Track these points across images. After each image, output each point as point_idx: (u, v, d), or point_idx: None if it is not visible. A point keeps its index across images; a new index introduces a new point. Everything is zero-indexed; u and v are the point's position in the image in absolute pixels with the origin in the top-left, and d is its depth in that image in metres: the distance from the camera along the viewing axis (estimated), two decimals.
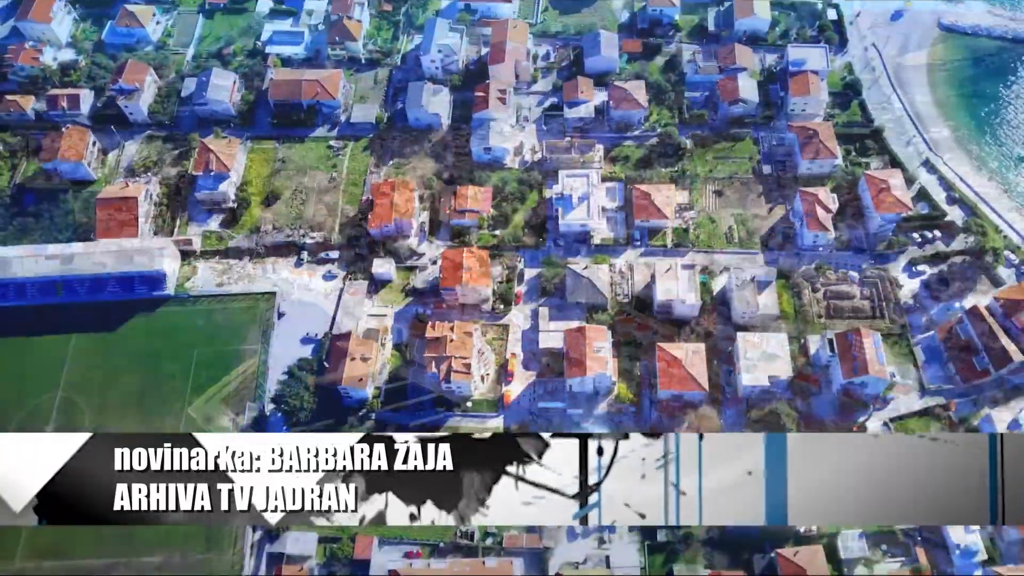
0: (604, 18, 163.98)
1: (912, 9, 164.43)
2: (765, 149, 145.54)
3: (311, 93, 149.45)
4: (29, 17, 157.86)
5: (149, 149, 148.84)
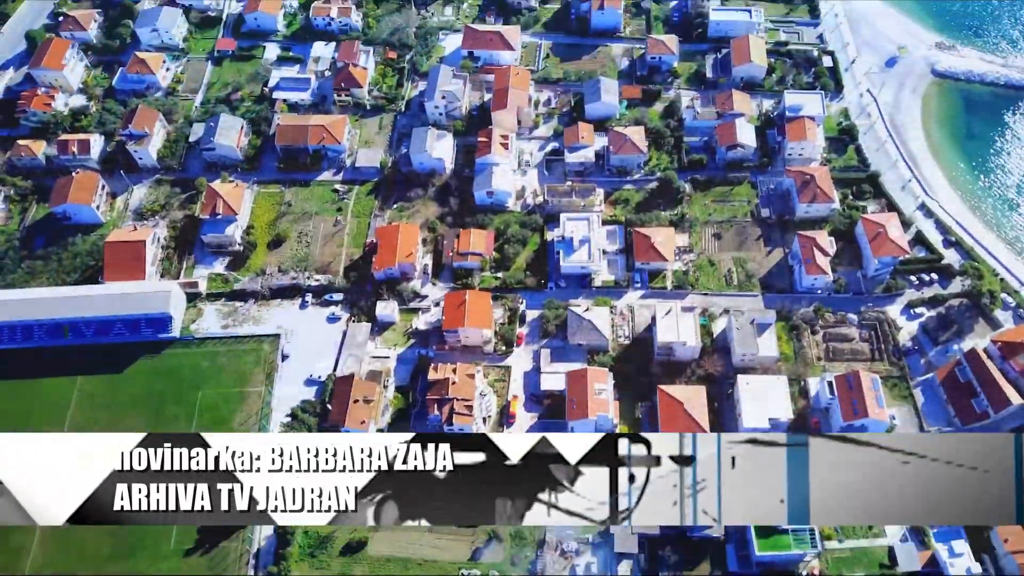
0: (604, 65, 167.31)
1: (906, 56, 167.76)
2: (763, 193, 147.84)
3: (317, 138, 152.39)
4: (42, 64, 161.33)
5: (157, 193, 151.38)
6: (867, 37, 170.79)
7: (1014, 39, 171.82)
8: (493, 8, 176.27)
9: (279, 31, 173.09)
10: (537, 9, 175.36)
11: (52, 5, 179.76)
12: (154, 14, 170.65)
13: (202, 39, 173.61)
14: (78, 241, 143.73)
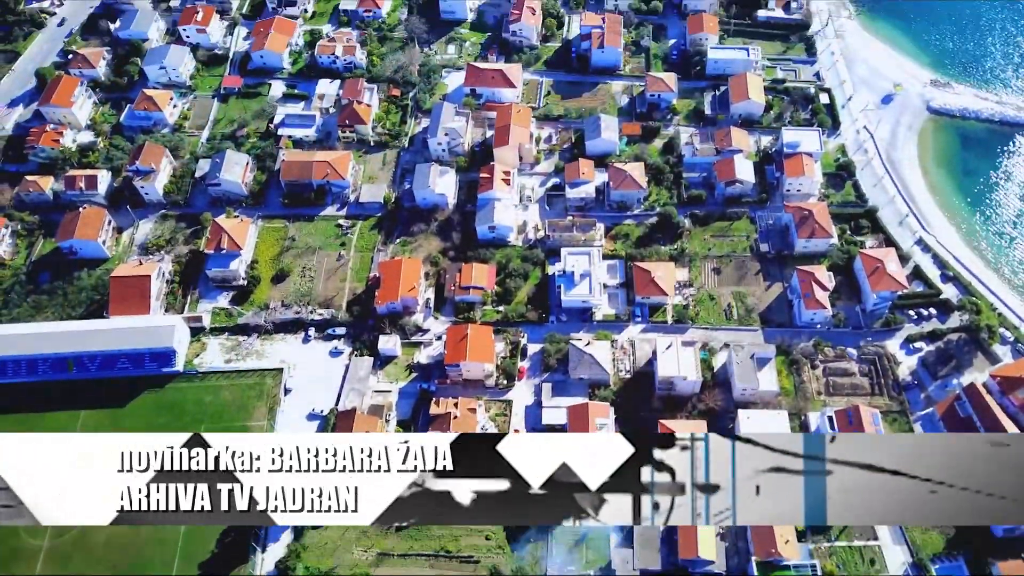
0: (604, 102, 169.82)
1: (902, 93, 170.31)
2: (762, 228, 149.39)
3: (321, 174, 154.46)
4: (51, 102, 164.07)
5: (163, 228, 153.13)
6: (863, 75, 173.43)
7: (1007, 76, 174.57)
8: (495, 46, 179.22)
9: (285, 69, 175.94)
10: (538, 47, 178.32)
11: (62, 43, 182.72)
12: (162, 52, 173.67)
13: (209, 76, 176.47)
14: (84, 276, 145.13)
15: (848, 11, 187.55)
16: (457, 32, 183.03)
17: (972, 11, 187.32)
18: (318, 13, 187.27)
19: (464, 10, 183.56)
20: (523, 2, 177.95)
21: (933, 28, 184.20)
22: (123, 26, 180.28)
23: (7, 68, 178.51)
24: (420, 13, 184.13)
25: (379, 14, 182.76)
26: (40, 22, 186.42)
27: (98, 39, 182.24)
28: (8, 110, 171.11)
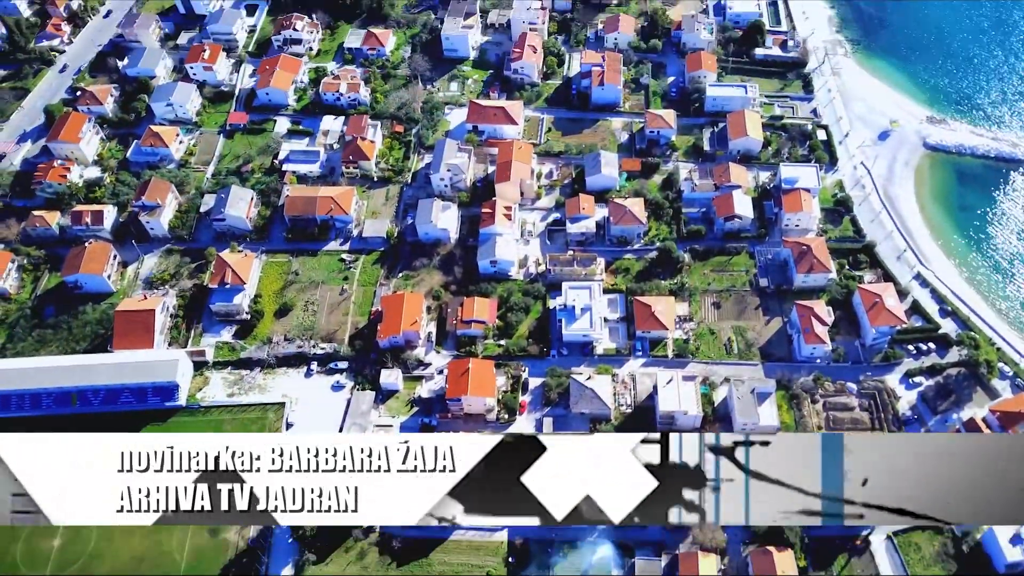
0: (604, 138, 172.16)
1: (898, 130, 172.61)
2: (761, 263, 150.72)
3: (325, 209, 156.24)
4: (60, 138, 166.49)
5: (167, 262, 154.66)
6: (860, 112, 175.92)
7: (1002, 113, 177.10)
8: (497, 84, 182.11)
9: (290, 105, 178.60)
10: (539, 85, 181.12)
11: (71, 80, 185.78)
12: (169, 89, 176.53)
13: (215, 113, 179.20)
14: (88, 310, 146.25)
15: (844, 49, 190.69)
16: (459, 70, 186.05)
17: (966, 49, 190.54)
18: (323, 51, 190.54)
19: (466, 48, 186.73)
20: (524, 40, 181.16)
21: (928, 66, 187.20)
22: (131, 64, 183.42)
23: (16, 105, 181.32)
24: (423, 51, 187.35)
25: (383, 52, 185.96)
26: (50, 60, 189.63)
27: (106, 76, 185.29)
28: (17, 146, 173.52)
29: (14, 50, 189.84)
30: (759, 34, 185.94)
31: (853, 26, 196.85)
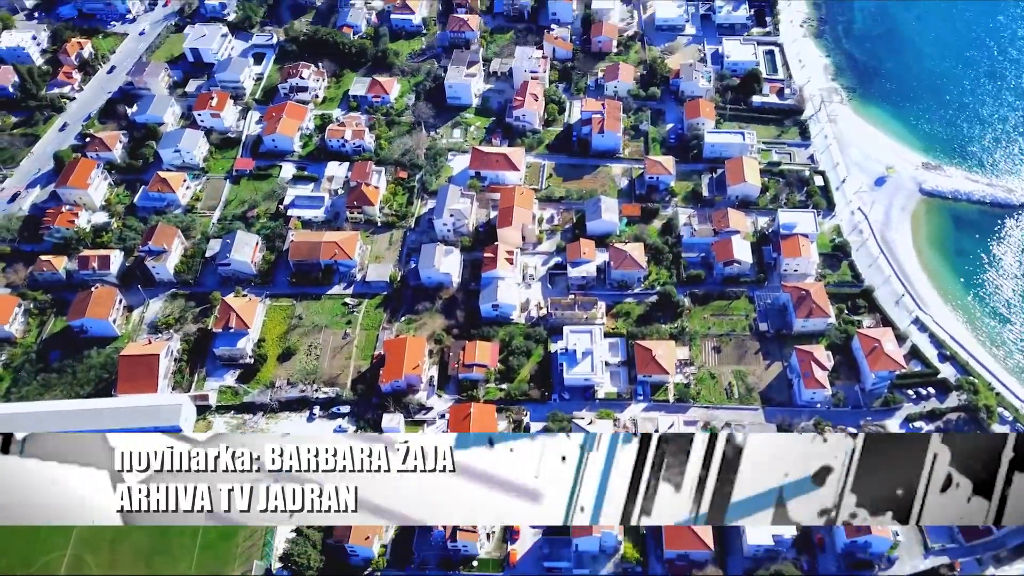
0: (604, 184, 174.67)
1: (894, 175, 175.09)
2: (761, 307, 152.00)
3: (329, 254, 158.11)
4: (68, 183, 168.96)
5: (172, 307, 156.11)
6: (856, 158, 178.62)
7: (996, 159, 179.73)
8: (499, 131, 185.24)
9: (295, 151, 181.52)
10: (540, 131, 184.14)
11: (80, 126, 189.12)
12: (177, 135, 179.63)
13: (222, 159, 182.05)
14: (93, 354, 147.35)
15: (840, 96, 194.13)
16: (462, 117, 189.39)
17: (959, 97, 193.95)
18: (329, 98, 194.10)
19: (469, 96, 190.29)
20: (526, 88, 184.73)
21: (922, 113, 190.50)
22: (140, 110, 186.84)
23: (27, 151, 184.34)
24: (427, 99, 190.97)
25: (387, 99, 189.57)
26: (60, 107, 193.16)
27: (115, 123, 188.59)
28: (26, 191, 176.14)
29: (25, 97, 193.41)
30: (756, 82, 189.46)
31: (848, 74, 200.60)
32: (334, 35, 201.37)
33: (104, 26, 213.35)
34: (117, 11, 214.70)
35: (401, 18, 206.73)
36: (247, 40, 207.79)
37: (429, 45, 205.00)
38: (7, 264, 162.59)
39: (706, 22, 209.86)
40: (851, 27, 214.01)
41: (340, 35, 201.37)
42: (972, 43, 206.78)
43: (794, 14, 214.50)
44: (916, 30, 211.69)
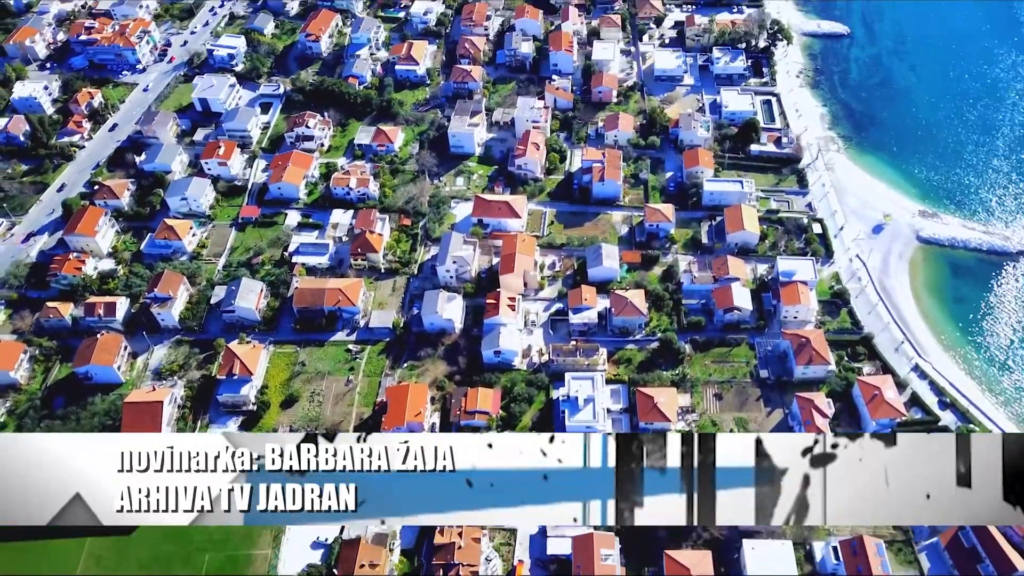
0: (605, 231, 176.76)
1: (891, 223, 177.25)
2: (761, 354, 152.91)
3: (333, 300, 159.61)
4: (76, 231, 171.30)
5: (177, 353, 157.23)
6: (854, 205, 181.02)
7: (992, 207, 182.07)
8: (501, 179, 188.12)
9: (301, 199, 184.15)
10: (542, 180, 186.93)
11: (89, 174, 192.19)
12: (184, 184, 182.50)
13: (228, 206, 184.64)
14: (97, 401, 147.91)
15: (836, 145, 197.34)
16: (465, 165, 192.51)
17: (955, 146, 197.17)
18: (334, 147, 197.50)
19: (472, 145, 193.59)
20: (528, 137, 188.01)
21: (918, 161, 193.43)
22: (148, 159, 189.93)
23: (35, 199, 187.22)
24: (431, 147, 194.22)
25: (392, 148, 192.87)
26: (69, 155, 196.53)
27: (123, 171, 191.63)
28: (34, 238, 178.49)
29: (36, 146, 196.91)
30: (754, 131, 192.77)
31: (844, 123, 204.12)
32: (340, 85, 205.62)
33: (115, 76, 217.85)
34: (128, 62, 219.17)
35: (405, 69, 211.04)
36: (255, 90, 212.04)
37: (433, 95, 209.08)
38: (14, 310, 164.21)
39: (704, 73, 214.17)
40: (847, 77, 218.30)
41: (346, 85, 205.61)
42: (966, 93, 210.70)
43: (790, 65, 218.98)
44: (910, 80, 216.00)
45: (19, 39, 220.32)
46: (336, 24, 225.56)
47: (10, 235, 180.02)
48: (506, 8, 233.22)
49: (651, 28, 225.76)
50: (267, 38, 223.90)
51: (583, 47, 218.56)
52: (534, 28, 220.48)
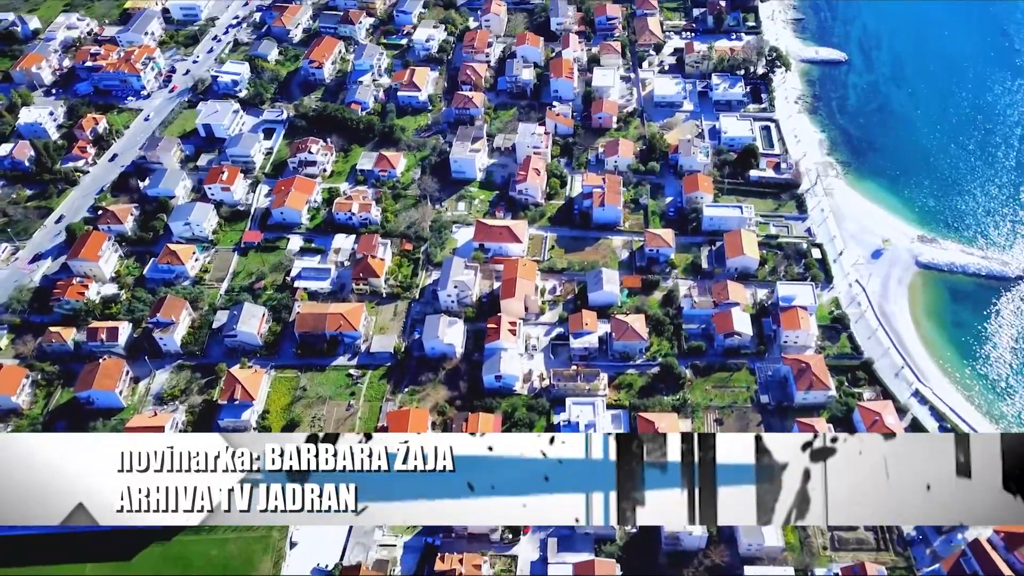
0: (605, 256, 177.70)
1: (890, 248, 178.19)
2: (761, 380, 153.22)
3: (335, 325, 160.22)
4: (80, 256, 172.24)
5: (178, 378, 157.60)
6: (853, 231, 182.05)
7: (989, 232, 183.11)
8: (502, 204, 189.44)
9: (303, 224, 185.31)
10: (543, 205, 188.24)
11: (92, 199, 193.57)
12: (187, 209, 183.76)
13: (231, 231, 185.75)
14: (99, 425, 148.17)
15: (835, 171, 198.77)
16: (467, 190, 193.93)
17: (952, 171, 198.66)
18: (336, 172, 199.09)
19: (473, 170, 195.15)
20: (529, 163, 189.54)
21: (916, 187, 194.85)
22: (152, 184, 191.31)
23: (39, 223, 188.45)
24: (432, 173, 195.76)
25: (394, 174, 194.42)
26: (74, 180, 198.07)
27: (127, 196, 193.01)
28: (37, 263, 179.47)
29: (40, 171, 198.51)
30: (753, 157, 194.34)
31: (843, 149, 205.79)
32: (342, 111, 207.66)
33: (119, 102, 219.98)
34: (132, 88, 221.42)
35: (408, 95, 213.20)
36: (258, 116, 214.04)
37: (435, 121, 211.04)
38: (16, 335, 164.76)
39: (703, 99, 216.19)
40: (845, 103, 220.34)
41: (348, 111, 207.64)
42: (963, 120, 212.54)
43: (789, 91, 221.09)
44: (908, 107, 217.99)
45: (26, 65, 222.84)
46: (339, 51, 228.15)
47: (14, 259, 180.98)
48: (507, 35, 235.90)
49: (651, 55, 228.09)
50: (271, 65, 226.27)
51: (583, 74, 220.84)
52: (535, 55, 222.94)
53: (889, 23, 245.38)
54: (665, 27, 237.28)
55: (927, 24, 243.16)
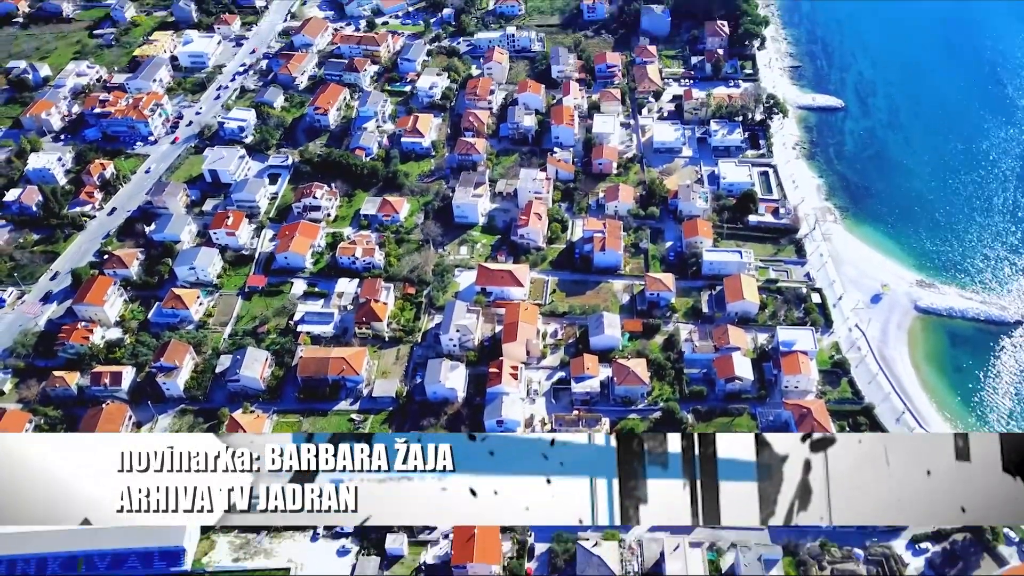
0: (607, 300, 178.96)
1: (889, 293, 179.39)
2: (763, 424, 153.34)
3: (337, 370, 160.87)
4: (85, 300, 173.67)
5: (181, 423, 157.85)
6: (852, 275, 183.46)
7: (987, 277, 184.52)
8: (504, 248, 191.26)
9: (307, 268, 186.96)
10: (544, 249, 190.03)
11: (99, 244, 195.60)
12: (192, 254, 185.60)
13: (235, 276, 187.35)
14: None
15: (833, 216, 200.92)
16: (469, 235, 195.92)
17: (949, 216, 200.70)
18: (340, 217, 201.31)
19: (476, 215, 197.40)
20: (530, 208, 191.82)
21: (914, 231, 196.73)
22: (158, 229, 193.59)
23: (45, 268, 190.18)
24: (435, 218, 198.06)
25: (397, 218, 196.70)
26: (81, 225, 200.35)
27: (133, 241, 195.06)
28: (42, 308, 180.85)
29: (47, 216, 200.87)
30: (752, 202, 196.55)
31: (841, 194, 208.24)
32: (347, 157, 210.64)
33: (127, 148, 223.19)
34: (140, 134, 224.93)
35: (411, 141, 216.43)
36: (263, 161, 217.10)
37: (438, 167, 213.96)
38: (20, 380, 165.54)
39: (702, 145, 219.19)
40: (842, 149, 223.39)
41: (353, 157, 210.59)
42: (960, 165, 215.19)
43: (787, 137, 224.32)
44: (905, 153, 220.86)
45: (35, 112, 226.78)
46: (344, 98, 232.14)
47: (20, 303, 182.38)
48: (509, 83, 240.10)
49: (650, 102, 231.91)
50: (276, 111, 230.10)
51: (584, 120, 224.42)
52: (536, 102, 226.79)
53: (884, 71, 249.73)
54: (664, 74, 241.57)
55: (922, 72, 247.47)
